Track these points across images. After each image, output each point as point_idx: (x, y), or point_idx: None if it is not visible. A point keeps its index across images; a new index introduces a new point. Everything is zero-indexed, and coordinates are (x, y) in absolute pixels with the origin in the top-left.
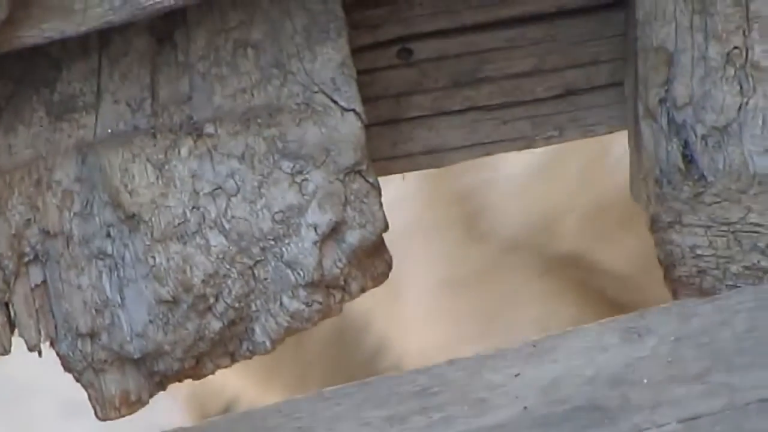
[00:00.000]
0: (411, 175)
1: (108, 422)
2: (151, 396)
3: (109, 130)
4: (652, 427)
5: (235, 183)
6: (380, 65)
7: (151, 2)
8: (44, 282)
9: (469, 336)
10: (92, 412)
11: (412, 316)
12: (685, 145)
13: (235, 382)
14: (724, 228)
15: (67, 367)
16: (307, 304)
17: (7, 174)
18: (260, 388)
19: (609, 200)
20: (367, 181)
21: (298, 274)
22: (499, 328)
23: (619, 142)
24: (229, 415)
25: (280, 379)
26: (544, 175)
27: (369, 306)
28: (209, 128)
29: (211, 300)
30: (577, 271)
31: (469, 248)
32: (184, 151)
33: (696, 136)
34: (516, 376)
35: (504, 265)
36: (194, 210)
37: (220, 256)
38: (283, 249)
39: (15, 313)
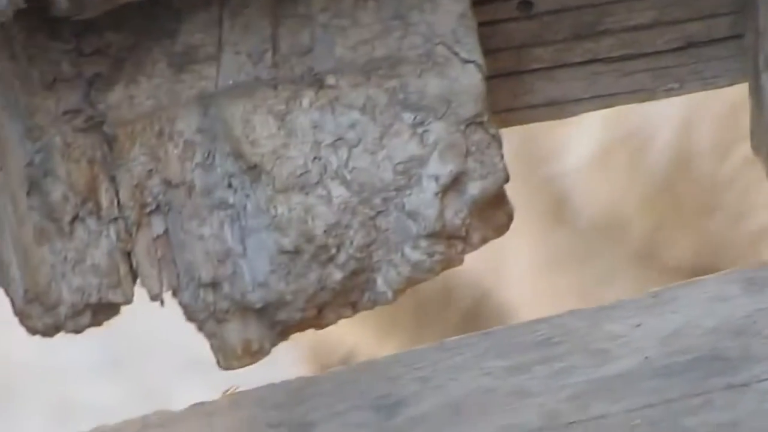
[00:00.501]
0: None
1: (229, 374)
2: (272, 346)
3: (231, 82)
4: None
5: (357, 134)
6: (500, 17)
7: None
8: (166, 232)
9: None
10: (212, 365)
11: (516, 294)
12: None
13: (351, 336)
14: None
15: (189, 317)
16: (429, 255)
17: (129, 125)
18: (376, 342)
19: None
20: (488, 133)
21: (420, 224)
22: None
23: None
24: (350, 365)
25: (395, 334)
26: (617, 161)
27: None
28: (330, 80)
29: (333, 250)
30: (665, 251)
31: (558, 232)
32: (305, 103)
33: None
34: (637, 326)
35: (595, 246)
36: (316, 161)
37: (342, 206)
38: (405, 200)
39: (137, 264)
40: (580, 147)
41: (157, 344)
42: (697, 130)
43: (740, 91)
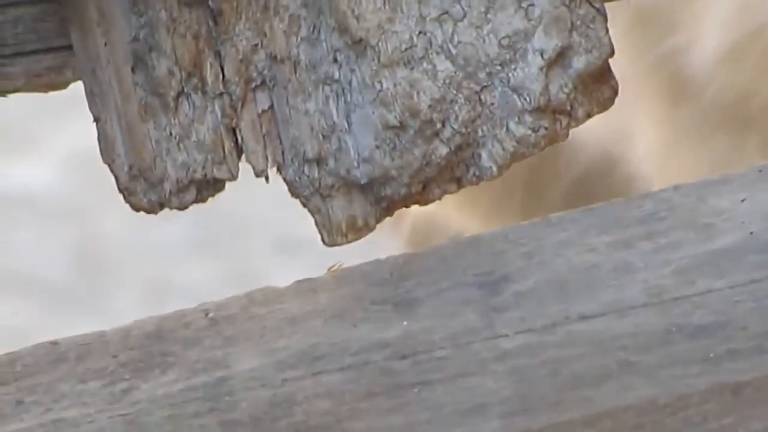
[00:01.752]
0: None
1: (325, 253)
2: (377, 222)
3: None
4: None
5: (462, 8)
6: None
7: None
8: (271, 107)
9: None
10: (308, 245)
11: (642, 169)
12: None
13: (458, 220)
14: None
15: (294, 192)
16: (534, 129)
17: None
18: (484, 224)
19: None
20: (593, 6)
21: (525, 99)
22: None
23: None
24: (455, 239)
25: (503, 215)
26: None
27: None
28: None
29: (438, 125)
30: None
31: (682, 108)
32: None
33: None
34: (742, 201)
35: (713, 125)
36: (421, 35)
37: (447, 81)
38: (510, 74)
39: (242, 139)
40: (709, 33)
41: (253, 224)
42: None
43: None
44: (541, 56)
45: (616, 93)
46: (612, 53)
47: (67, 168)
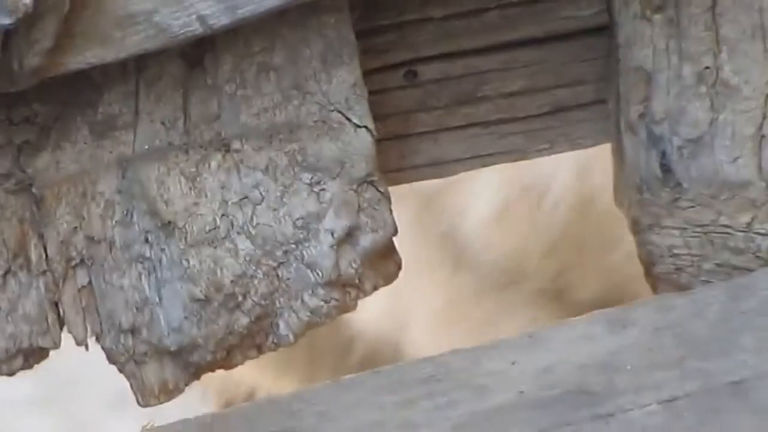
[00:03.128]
0: (400, 220)
1: (150, 410)
2: (186, 385)
3: (146, 146)
4: (635, 408)
5: (260, 193)
6: (389, 86)
7: (182, 31)
8: (90, 283)
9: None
10: (135, 401)
11: (417, 338)
12: (663, 155)
13: (252, 375)
14: (698, 230)
15: (111, 359)
16: (326, 301)
17: (55, 186)
18: (275, 379)
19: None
20: (379, 191)
21: (317, 274)
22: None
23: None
24: (255, 401)
25: (292, 373)
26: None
27: (376, 327)
28: (236, 144)
29: (240, 298)
30: (557, 286)
31: (458, 277)
32: (213, 165)
33: (672, 147)
34: (513, 364)
35: (488, 284)
36: (223, 217)
37: (247, 258)
38: (304, 252)
39: (64, 312)
40: (481, 202)
41: (86, 381)
42: (591, 174)
43: None
44: (332, 235)
45: (399, 267)
46: (395, 232)
47: None
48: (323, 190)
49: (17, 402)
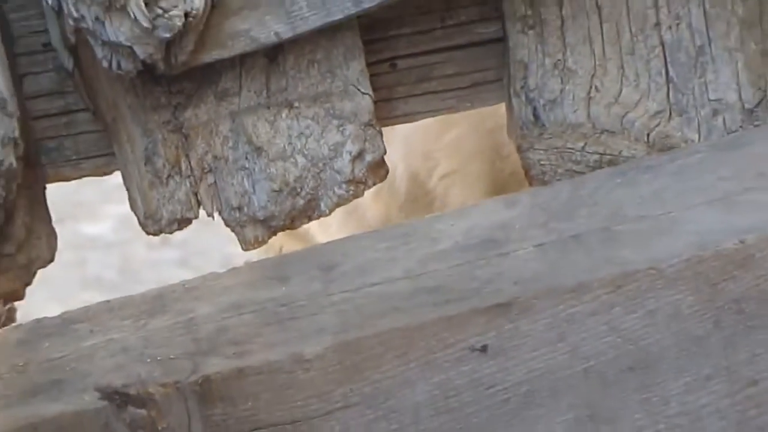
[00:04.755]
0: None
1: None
2: (268, 239)
3: (245, 106)
4: (519, 250)
5: (309, 130)
6: (380, 71)
7: (265, 40)
8: (215, 182)
9: None
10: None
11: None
12: (534, 110)
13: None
14: (554, 150)
15: (227, 225)
16: (346, 191)
17: (195, 128)
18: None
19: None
20: (376, 129)
21: (342, 176)
22: None
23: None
24: (303, 249)
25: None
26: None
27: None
28: (296, 104)
29: (298, 190)
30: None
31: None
32: (283, 115)
33: (540, 105)
34: (452, 225)
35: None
36: (288, 144)
37: (302, 167)
38: (334, 164)
39: (200, 198)
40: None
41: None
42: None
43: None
44: (350, 154)
45: (387, 172)
46: (385, 152)
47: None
48: (345, 129)
49: (169, 261)
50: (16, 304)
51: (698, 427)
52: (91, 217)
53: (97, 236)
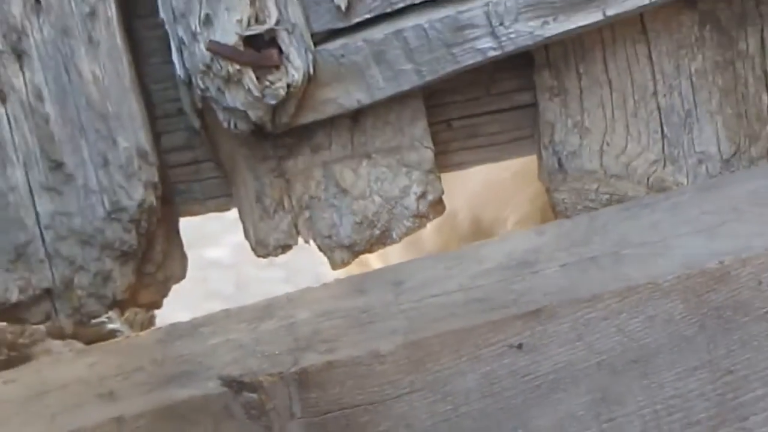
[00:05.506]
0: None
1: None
2: (351, 261)
3: (334, 157)
4: (548, 269)
5: (384, 176)
6: (438, 129)
7: (346, 107)
8: (310, 217)
9: None
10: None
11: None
12: (559, 160)
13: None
14: (574, 191)
15: (321, 249)
16: (413, 223)
17: (295, 174)
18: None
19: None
20: (435, 175)
21: (409, 211)
22: None
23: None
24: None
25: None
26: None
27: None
28: (374, 155)
29: (375, 222)
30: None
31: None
32: (364, 164)
33: (563, 156)
34: (495, 250)
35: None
36: (368, 187)
37: (378, 204)
38: (402, 202)
39: (299, 228)
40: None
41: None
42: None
43: None
44: (415, 195)
45: (444, 209)
46: (443, 193)
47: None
48: (411, 175)
49: (275, 278)
50: (156, 312)
51: (687, 406)
52: (214, 243)
53: (218, 259)
